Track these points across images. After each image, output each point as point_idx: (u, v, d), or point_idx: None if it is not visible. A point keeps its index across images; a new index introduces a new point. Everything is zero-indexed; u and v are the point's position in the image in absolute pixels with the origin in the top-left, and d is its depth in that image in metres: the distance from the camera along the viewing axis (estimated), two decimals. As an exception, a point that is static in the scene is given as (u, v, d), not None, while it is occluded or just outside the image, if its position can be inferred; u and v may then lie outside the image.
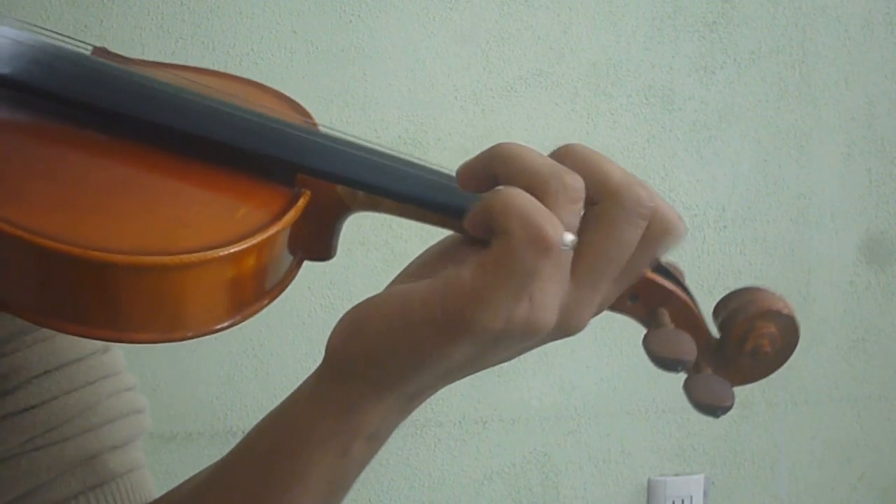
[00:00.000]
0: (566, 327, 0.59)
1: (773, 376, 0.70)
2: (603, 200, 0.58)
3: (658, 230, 0.59)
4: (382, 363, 0.59)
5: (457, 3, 1.72)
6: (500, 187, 0.57)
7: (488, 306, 0.56)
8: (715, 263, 1.85)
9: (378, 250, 1.70)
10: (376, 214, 0.67)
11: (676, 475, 1.88)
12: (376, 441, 0.63)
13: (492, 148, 0.59)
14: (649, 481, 1.88)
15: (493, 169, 0.59)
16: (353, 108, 1.68)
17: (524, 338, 0.58)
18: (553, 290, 0.57)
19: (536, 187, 0.56)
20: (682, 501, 1.88)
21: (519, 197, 0.56)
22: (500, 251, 0.55)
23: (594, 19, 1.77)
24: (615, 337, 1.78)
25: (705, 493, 1.89)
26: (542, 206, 0.55)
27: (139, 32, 1.62)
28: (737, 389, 0.68)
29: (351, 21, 1.68)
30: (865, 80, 1.87)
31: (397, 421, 0.63)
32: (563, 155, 0.59)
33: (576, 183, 0.57)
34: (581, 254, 0.58)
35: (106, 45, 0.74)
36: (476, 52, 1.73)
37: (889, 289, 1.93)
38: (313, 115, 0.71)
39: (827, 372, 1.91)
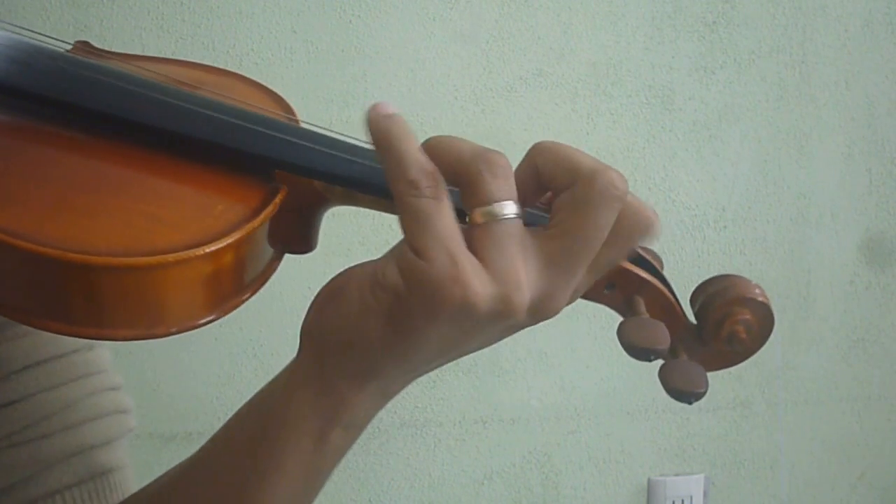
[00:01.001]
0: (542, 311, 0.59)
1: (765, 374, 0.71)
2: (576, 183, 0.58)
3: (631, 222, 0.60)
4: (355, 342, 0.60)
5: (457, 3, 1.72)
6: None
7: (422, 255, 0.58)
8: (715, 263, 1.84)
9: (378, 250, 1.67)
10: (377, 213, 0.67)
11: (676, 475, 1.88)
12: (354, 429, 0.63)
13: (425, 141, 0.60)
14: (649, 481, 1.88)
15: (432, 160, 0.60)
16: (353, 108, 1.68)
17: (499, 318, 0.58)
18: (514, 263, 0.57)
19: (463, 173, 0.58)
20: (682, 501, 1.88)
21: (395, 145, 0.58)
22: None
23: (594, 19, 1.77)
24: (615, 337, 1.78)
25: (705, 493, 1.89)
26: (415, 155, 0.57)
27: (139, 32, 1.62)
28: (735, 390, 0.68)
29: (351, 21, 1.68)
30: (865, 80, 1.87)
31: (374, 410, 0.63)
32: (536, 153, 0.60)
33: (499, 159, 0.58)
34: (554, 236, 0.58)
35: (106, 45, 0.74)
36: (476, 52, 1.73)
37: (889, 289, 1.92)
38: (310, 112, 0.71)
39: (827, 372, 1.91)
